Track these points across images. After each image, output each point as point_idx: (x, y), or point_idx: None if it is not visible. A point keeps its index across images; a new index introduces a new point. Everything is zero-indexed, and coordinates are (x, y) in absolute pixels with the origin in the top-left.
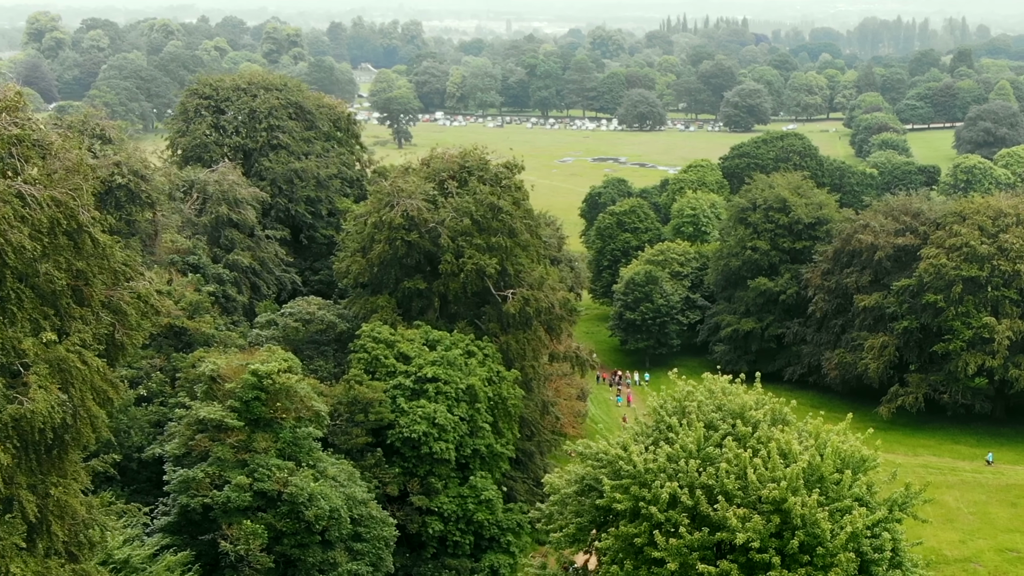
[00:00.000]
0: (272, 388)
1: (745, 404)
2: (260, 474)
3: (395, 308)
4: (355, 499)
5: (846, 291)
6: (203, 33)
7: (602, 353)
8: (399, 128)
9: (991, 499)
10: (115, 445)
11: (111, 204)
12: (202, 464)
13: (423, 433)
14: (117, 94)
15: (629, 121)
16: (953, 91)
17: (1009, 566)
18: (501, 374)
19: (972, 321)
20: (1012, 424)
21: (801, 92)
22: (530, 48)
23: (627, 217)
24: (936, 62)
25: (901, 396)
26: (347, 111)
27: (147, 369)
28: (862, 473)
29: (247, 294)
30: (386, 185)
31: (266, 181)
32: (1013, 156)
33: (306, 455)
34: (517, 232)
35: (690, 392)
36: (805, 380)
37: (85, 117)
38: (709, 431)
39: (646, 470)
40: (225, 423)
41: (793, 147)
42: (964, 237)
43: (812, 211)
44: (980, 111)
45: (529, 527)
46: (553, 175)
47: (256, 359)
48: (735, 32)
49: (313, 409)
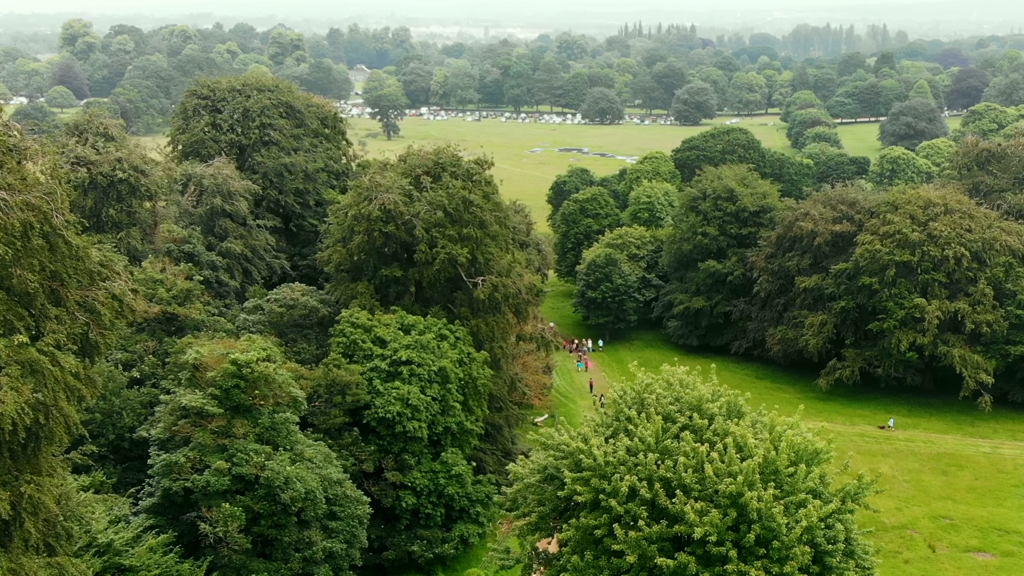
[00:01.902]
0: (251, 376)
1: (702, 397)
2: (239, 459)
3: (373, 294)
4: (330, 480)
5: (788, 273)
6: (217, 38)
7: (566, 327)
8: (388, 122)
9: (923, 467)
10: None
11: (113, 196)
12: (184, 449)
13: (397, 413)
14: (139, 92)
15: (591, 116)
16: (877, 89)
17: (943, 532)
18: (471, 355)
19: (904, 302)
20: (940, 395)
21: (743, 90)
22: (504, 51)
23: (589, 204)
24: (862, 64)
25: (839, 370)
26: (334, 110)
27: (140, 352)
28: (815, 465)
29: (239, 279)
30: (365, 180)
31: (258, 174)
32: (933, 148)
33: (284, 439)
34: (487, 223)
35: (649, 384)
36: (751, 353)
37: (90, 117)
38: (667, 423)
39: (606, 463)
40: (206, 410)
41: (738, 141)
42: (897, 225)
43: (757, 200)
44: (902, 107)
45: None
46: (524, 164)
47: (237, 348)
48: (684, 37)
49: (291, 395)
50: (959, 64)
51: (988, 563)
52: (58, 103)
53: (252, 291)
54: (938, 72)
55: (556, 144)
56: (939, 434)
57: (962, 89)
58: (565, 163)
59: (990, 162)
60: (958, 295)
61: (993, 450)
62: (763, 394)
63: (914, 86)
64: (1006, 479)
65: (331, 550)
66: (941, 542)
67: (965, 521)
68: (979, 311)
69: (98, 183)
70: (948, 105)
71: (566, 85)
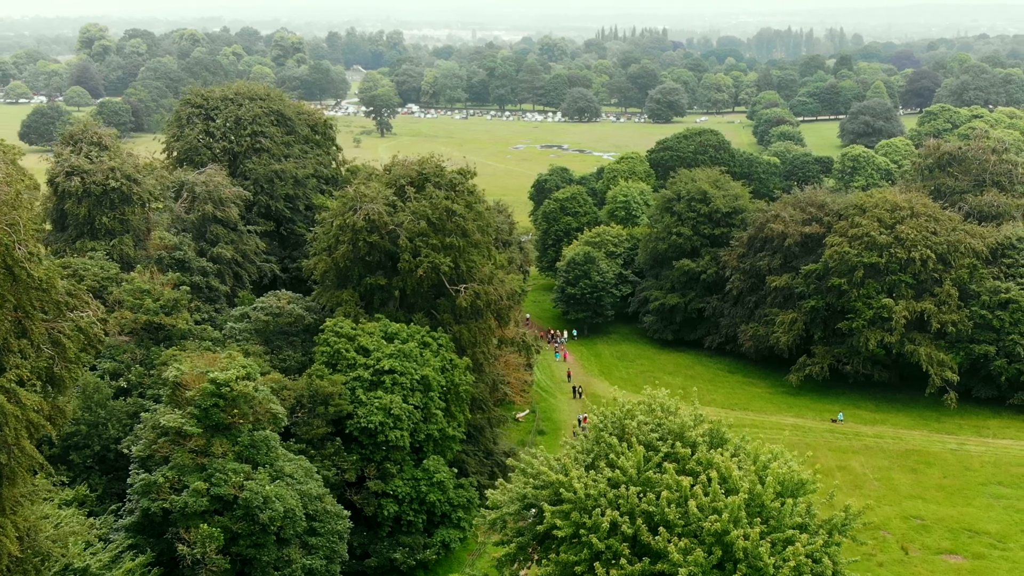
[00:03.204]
0: (230, 395)
1: (684, 424)
2: (217, 479)
3: (358, 301)
4: (310, 495)
5: (759, 272)
6: (224, 41)
7: (547, 320)
8: (382, 120)
9: (893, 464)
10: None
11: (106, 205)
12: (164, 468)
13: (379, 423)
14: (150, 92)
15: (571, 114)
16: (837, 90)
17: (915, 534)
18: (454, 362)
19: (872, 302)
20: (906, 390)
21: (711, 90)
22: (490, 54)
23: (569, 203)
24: (822, 65)
25: (809, 366)
26: (324, 117)
27: (127, 362)
28: (801, 496)
29: (230, 282)
30: (350, 191)
31: (250, 181)
32: (891, 146)
33: (263, 456)
34: (469, 232)
35: (630, 410)
36: (723, 348)
37: (85, 127)
38: (649, 452)
39: (586, 495)
40: (184, 430)
41: (709, 142)
42: (865, 228)
43: (729, 202)
44: (861, 107)
45: (478, 500)
46: (508, 159)
47: (216, 366)
48: (657, 40)
49: (271, 412)
50: (912, 65)
51: (960, 565)
52: (75, 102)
53: (242, 296)
54: (893, 73)
55: (538, 141)
56: (907, 430)
57: (916, 89)
58: (546, 159)
59: (951, 164)
60: (924, 295)
61: (959, 447)
62: (735, 388)
63: (871, 86)
64: (973, 477)
65: (311, 567)
66: (913, 544)
67: (936, 522)
68: (944, 311)
69: (91, 192)
70: (903, 104)
71: (547, 85)
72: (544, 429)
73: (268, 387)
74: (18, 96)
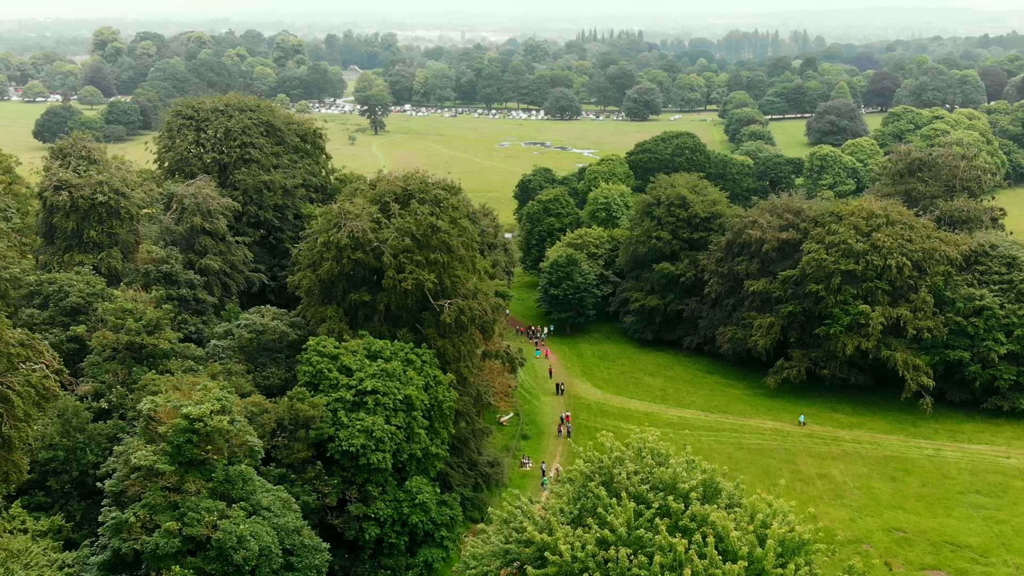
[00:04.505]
0: (204, 431)
1: (676, 475)
2: (190, 518)
3: (342, 317)
4: (287, 529)
5: (737, 276)
6: (229, 43)
7: (531, 317)
8: (375, 118)
9: (872, 472)
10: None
11: (94, 218)
12: (135, 505)
13: (361, 446)
14: (157, 92)
15: (553, 112)
16: (803, 90)
17: (897, 548)
18: (438, 378)
19: (849, 308)
20: (881, 392)
21: (685, 90)
22: (478, 55)
23: (552, 204)
24: (788, 66)
25: (786, 369)
26: (313, 127)
27: (110, 382)
28: (802, 556)
29: (218, 293)
30: (334, 207)
31: (239, 191)
32: (857, 146)
33: (239, 490)
34: (454, 248)
35: (619, 457)
36: (701, 348)
37: (74, 140)
38: (640, 505)
39: (573, 558)
40: (156, 468)
41: (686, 144)
42: (842, 235)
43: (707, 207)
44: (826, 106)
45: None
46: (494, 157)
47: (191, 398)
48: (633, 42)
49: (248, 445)
50: (872, 66)
51: None
52: (88, 101)
53: (229, 309)
54: (855, 74)
55: (522, 138)
56: (884, 435)
57: (877, 89)
58: (530, 156)
59: (921, 170)
60: (900, 302)
61: (936, 453)
62: (714, 390)
63: (835, 87)
64: (952, 485)
65: None
66: (896, 559)
67: (918, 534)
68: (920, 317)
69: (79, 206)
70: (865, 104)
71: (531, 85)
72: (528, 434)
73: (249, 411)
74: (35, 95)
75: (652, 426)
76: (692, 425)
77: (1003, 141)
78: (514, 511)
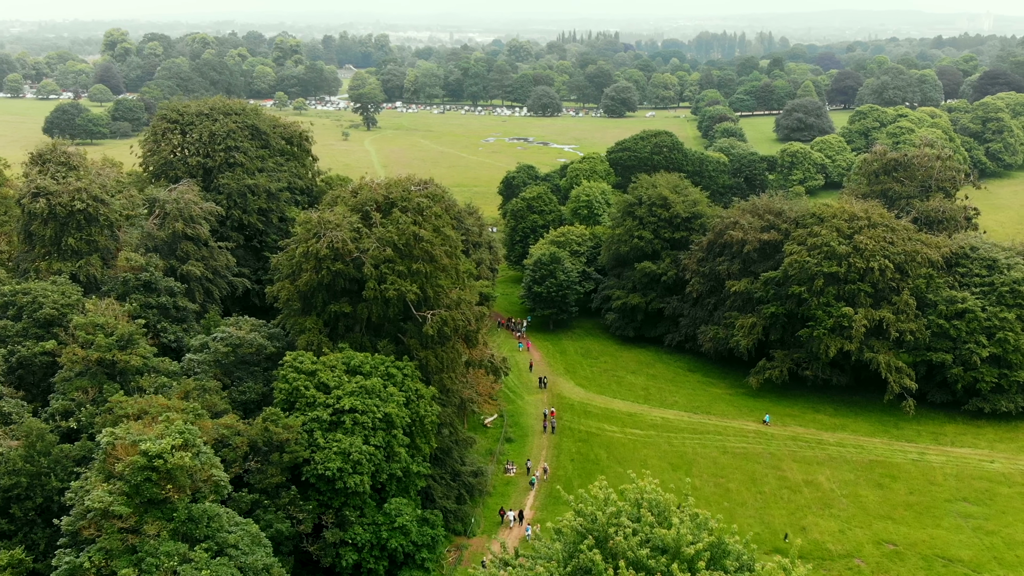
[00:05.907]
0: (163, 468)
1: (680, 537)
2: (148, 564)
3: (322, 328)
4: (256, 569)
5: (718, 276)
6: (231, 44)
7: (515, 312)
8: (368, 115)
9: (859, 478)
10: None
11: (72, 226)
12: (91, 548)
13: (338, 469)
14: (162, 90)
15: (536, 109)
16: (771, 88)
17: (889, 562)
18: (420, 392)
19: (832, 310)
20: (863, 393)
21: (659, 88)
22: (465, 55)
23: (535, 202)
24: (756, 66)
25: (768, 369)
26: (300, 129)
27: (79, 400)
28: None
29: (200, 299)
30: (314, 217)
31: (223, 195)
32: (826, 143)
33: (203, 529)
34: (437, 257)
35: (615, 512)
36: (682, 346)
37: (53, 146)
38: (640, 573)
39: None
40: (111, 511)
41: (664, 143)
42: (824, 237)
43: (688, 207)
44: (794, 104)
45: (443, 530)
46: (480, 152)
47: (152, 432)
48: (610, 42)
49: (213, 480)
50: (834, 65)
51: None
52: (98, 98)
53: (208, 317)
54: (819, 73)
55: (507, 134)
56: (867, 437)
57: (841, 88)
58: (514, 151)
59: (896, 170)
60: (882, 304)
61: (921, 457)
62: (696, 389)
63: (801, 85)
64: (939, 492)
65: None
66: (888, 575)
67: (909, 547)
68: (903, 320)
69: (57, 213)
70: (830, 101)
71: (515, 83)
72: (512, 436)
73: (220, 433)
74: (48, 92)
75: (635, 428)
76: (675, 427)
77: (964, 139)
78: (497, 573)
